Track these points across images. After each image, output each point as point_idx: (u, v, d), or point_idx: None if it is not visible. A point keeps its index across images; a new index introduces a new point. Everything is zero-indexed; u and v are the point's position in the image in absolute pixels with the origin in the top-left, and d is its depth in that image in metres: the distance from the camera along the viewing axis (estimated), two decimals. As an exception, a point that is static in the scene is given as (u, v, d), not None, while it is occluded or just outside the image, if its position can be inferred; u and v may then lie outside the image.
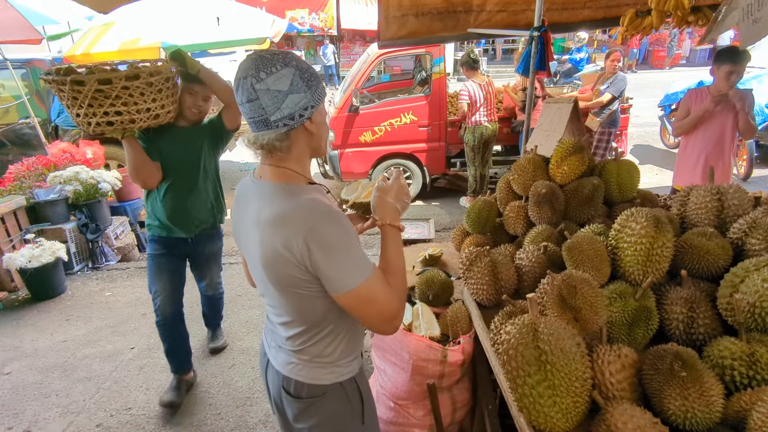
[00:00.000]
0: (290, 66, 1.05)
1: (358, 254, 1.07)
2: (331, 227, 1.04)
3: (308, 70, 1.09)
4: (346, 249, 1.05)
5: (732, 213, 1.58)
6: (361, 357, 1.35)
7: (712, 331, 1.31)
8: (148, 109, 2.10)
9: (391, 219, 1.21)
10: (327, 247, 1.03)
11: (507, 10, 3.65)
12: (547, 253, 1.71)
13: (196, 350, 3.28)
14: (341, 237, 1.05)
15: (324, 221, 1.04)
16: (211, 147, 2.60)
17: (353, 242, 1.07)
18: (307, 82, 1.07)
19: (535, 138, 2.71)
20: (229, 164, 8.26)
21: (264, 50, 1.10)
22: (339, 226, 1.05)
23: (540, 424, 1.10)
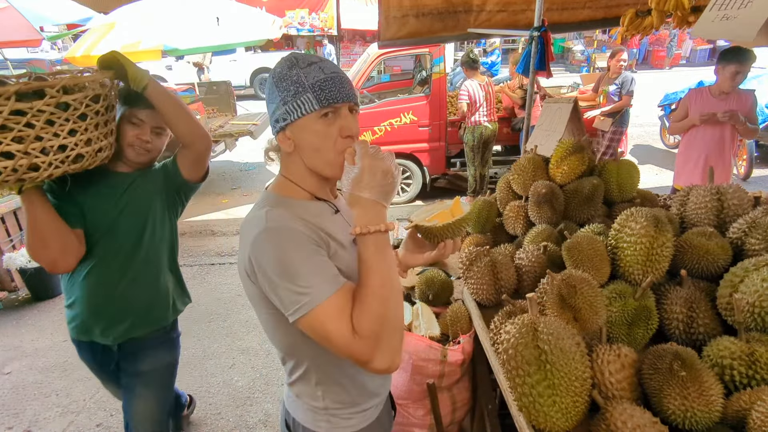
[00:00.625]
0: (270, 75, 0.99)
1: (302, 279, 0.88)
2: (267, 246, 0.89)
3: (286, 80, 0.96)
4: (283, 273, 0.88)
5: (732, 213, 1.58)
6: (376, 409, 1.15)
7: (711, 331, 1.31)
8: (62, 147, 1.30)
9: (368, 220, 0.91)
10: (264, 267, 0.90)
11: (507, 10, 3.65)
12: (547, 252, 1.71)
13: (196, 350, 3.28)
14: (279, 259, 0.89)
15: (263, 238, 0.90)
16: (165, 206, 1.75)
17: (294, 264, 0.88)
18: (281, 91, 0.96)
19: (535, 138, 2.71)
20: (229, 164, 8.26)
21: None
22: (275, 246, 0.89)
23: (540, 423, 1.10)
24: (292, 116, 0.96)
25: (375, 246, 0.91)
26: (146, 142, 1.64)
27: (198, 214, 6.19)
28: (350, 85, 0.99)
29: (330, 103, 0.95)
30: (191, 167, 1.74)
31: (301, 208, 1.00)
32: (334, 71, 0.97)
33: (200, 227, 5.79)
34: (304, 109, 0.95)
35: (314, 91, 0.94)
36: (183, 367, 3.08)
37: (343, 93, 0.96)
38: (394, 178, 0.93)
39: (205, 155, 1.75)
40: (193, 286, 4.22)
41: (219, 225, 5.83)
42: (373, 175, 0.91)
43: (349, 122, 0.98)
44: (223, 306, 3.85)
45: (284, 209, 0.97)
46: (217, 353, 3.24)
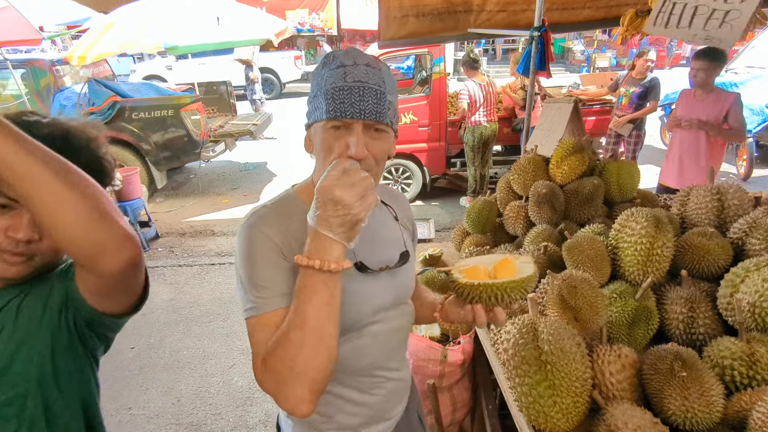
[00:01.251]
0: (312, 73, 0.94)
1: (245, 285, 0.87)
2: (239, 240, 0.90)
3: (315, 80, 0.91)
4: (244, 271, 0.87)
5: (732, 213, 1.58)
6: None
7: (712, 331, 1.31)
8: None
9: (307, 251, 0.78)
10: (235, 258, 0.91)
11: (507, 10, 3.65)
12: (547, 253, 1.71)
13: (196, 350, 3.28)
14: (243, 255, 0.88)
15: (239, 232, 0.91)
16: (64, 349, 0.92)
17: (246, 269, 0.87)
18: (310, 91, 0.93)
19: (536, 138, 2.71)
20: (229, 164, 8.26)
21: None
22: (244, 243, 0.88)
23: (540, 424, 1.10)
24: (309, 118, 0.92)
25: (307, 282, 0.78)
26: (20, 241, 0.87)
27: (198, 214, 6.19)
28: (375, 99, 0.84)
29: (337, 116, 0.84)
30: (101, 295, 0.90)
31: (301, 210, 0.91)
32: (359, 80, 0.84)
33: (200, 227, 5.79)
34: (316, 114, 0.89)
35: (326, 99, 0.85)
36: (183, 367, 3.09)
37: (357, 107, 0.83)
38: (346, 210, 0.74)
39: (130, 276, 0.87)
40: (193, 286, 4.22)
41: (219, 225, 5.83)
42: (321, 201, 0.75)
43: (354, 142, 0.84)
44: (223, 306, 3.85)
45: (278, 209, 0.94)
46: (217, 353, 3.24)
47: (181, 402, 2.80)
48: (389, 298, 1.01)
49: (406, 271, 1.04)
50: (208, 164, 7.78)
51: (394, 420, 1.09)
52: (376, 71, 0.87)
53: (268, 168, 8.02)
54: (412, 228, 1.16)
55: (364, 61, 0.87)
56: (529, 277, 0.91)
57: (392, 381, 1.06)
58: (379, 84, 0.86)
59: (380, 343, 1.00)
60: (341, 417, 1.01)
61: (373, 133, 0.87)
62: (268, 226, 0.90)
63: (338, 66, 0.86)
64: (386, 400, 1.06)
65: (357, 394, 1.00)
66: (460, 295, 0.93)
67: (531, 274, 0.92)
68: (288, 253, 0.89)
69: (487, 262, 1.00)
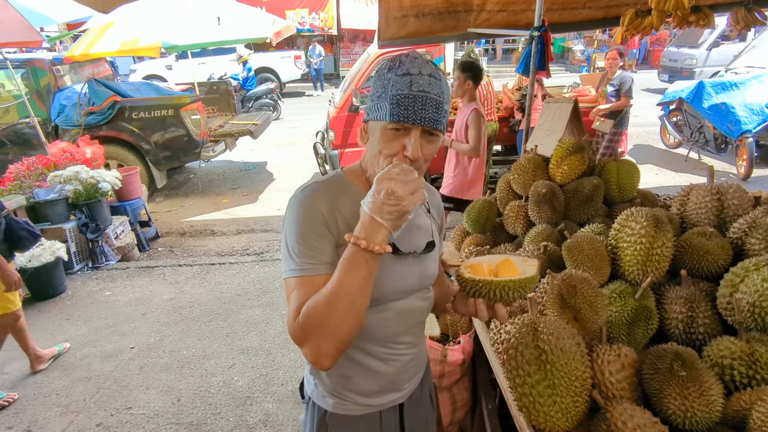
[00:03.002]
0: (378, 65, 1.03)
1: (289, 248, 0.99)
2: (290, 207, 1.03)
3: (380, 80, 0.99)
4: (291, 234, 0.99)
5: (732, 213, 1.58)
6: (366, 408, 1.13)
7: (711, 331, 1.31)
8: None
9: (357, 232, 0.90)
10: (284, 222, 1.04)
11: (507, 9, 3.64)
12: (547, 252, 1.71)
13: (196, 350, 3.28)
14: (291, 221, 1.00)
15: (292, 199, 1.03)
16: None
17: (292, 232, 0.99)
18: (372, 89, 1.02)
19: (535, 137, 2.71)
20: (229, 164, 8.27)
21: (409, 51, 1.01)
22: (292, 211, 1.01)
23: (540, 423, 1.10)
24: (370, 114, 1.02)
25: (351, 256, 0.89)
26: None
27: (198, 214, 6.19)
28: (435, 108, 0.95)
29: (400, 120, 0.94)
30: None
31: (348, 191, 1.05)
32: (423, 90, 0.94)
33: (200, 227, 5.79)
34: (378, 114, 0.98)
35: (391, 103, 0.94)
36: (183, 367, 3.09)
37: (419, 115, 0.94)
38: (398, 201, 0.86)
39: None
40: (193, 286, 4.22)
41: (219, 225, 5.83)
42: (377, 192, 0.87)
43: (412, 145, 0.95)
44: (223, 306, 3.85)
45: (328, 187, 1.05)
46: (217, 353, 3.24)
47: (181, 402, 2.80)
48: (414, 280, 1.10)
49: (431, 258, 1.14)
50: (208, 164, 7.78)
51: (407, 392, 1.18)
52: (437, 82, 0.97)
53: (268, 168, 8.02)
54: (440, 220, 1.26)
55: (427, 71, 0.96)
56: (530, 278, 0.98)
57: (406, 355, 1.15)
58: (439, 95, 0.97)
59: (400, 319, 1.10)
60: (360, 381, 1.11)
61: (427, 137, 0.98)
62: (319, 200, 1.01)
63: (404, 74, 0.95)
64: (400, 372, 1.15)
65: (374, 362, 1.10)
66: (463, 289, 1.02)
67: (532, 275, 0.99)
68: (333, 227, 1.00)
69: (493, 260, 1.08)
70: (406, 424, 1.19)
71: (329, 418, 1.14)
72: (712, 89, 6.40)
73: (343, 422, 1.13)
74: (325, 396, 1.14)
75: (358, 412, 1.13)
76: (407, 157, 0.96)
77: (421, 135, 0.97)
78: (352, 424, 1.13)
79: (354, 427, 1.14)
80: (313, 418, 1.17)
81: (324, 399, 1.14)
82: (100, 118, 5.95)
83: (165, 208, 6.48)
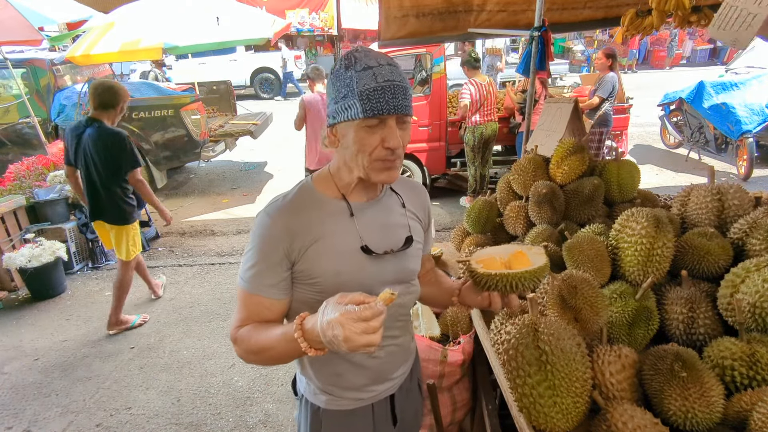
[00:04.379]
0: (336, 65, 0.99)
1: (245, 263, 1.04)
2: (255, 223, 1.05)
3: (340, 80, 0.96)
4: (247, 246, 1.05)
5: (732, 213, 1.58)
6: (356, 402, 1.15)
7: (712, 332, 1.31)
8: None
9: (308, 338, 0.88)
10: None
11: (507, 10, 3.64)
12: (548, 253, 1.70)
13: (196, 350, 3.28)
14: (252, 234, 1.04)
15: (258, 216, 1.05)
16: None
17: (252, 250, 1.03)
18: (334, 92, 0.99)
19: (536, 138, 2.71)
20: (229, 164, 8.26)
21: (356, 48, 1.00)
22: (255, 227, 1.04)
23: (540, 424, 1.10)
24: (339, 117, 0.98)
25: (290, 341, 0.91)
26: None
27: (198, 214, 6.19)
28: (404, 95, 0.96)
29: (375, 114, 0.93)
30: None
31: (316, 204, 1.06)
32: (389, 80, 0.94)
33: (200, 227, 5.79)
34: (349, 113, 0.95)
35: (361, 99, 0.93)
36: (183, 367, 3.09)
37: (391, 104, 0.94)
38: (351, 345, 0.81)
39: None
40: (194, 286, 4.22)
41: (219, 225, 5.82)
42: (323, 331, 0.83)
43: (393, 134, 0.96)
44: (223, 306, 3.85)
45: (294, 204, 1.05)
46: (217, 353, 3.24)
47: (181, 402, 2.80)
48: (391, 277, 1.11)
49: (410, 254, 1.14)
50: (208, 164, 7.78)
51: (396, 382, 1.21)
52: (397, 68, 0.98)
53: (268, 168, 8.01)
54: (424, 216, 1.25)
55: (385, 61, 0.97)
56: (542, 267, 1.02)
57: (391, 346, 1.18)
58: (403, 80, 0.97)
59: None
60: (349, 376, 1.13)
61: (401, 125, 0.99)
62: (281, 222, 1.02)
63: (365, 68, 0.94)
64: (387, 362, 1.18)
65: (360, 357, 1.12)
66: (478, 284, 1.05)
67: (543, 264, 1.03)
68: (291, 249, 1.02)
69: (502, 252, 1.11)
70: (398, 413, 1.23)
71: (322, 414, 1.16)
72: (713, 89, 6.40)
73: (336, 417, 1.16)
74: (317, 393, 1.16)
75: (350, 406, 1.16)
76: (389, 148, 0.96)
77: (399, 122, 0.98)
78: (346, 418, 1.16)
79: (347, 421, 1.16)
80: (307, 415, 1.19)
81: (316, 396, 1.17)
82: (100, 117, 5.95)
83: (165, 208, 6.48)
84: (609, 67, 5.43)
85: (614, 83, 5.34)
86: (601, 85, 5.32)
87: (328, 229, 1.04)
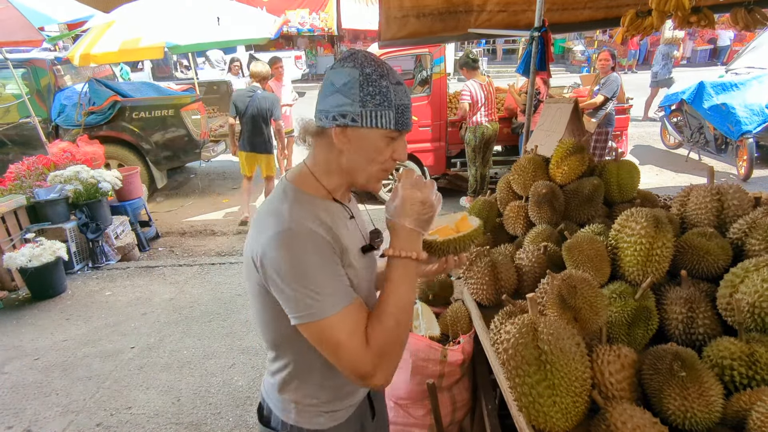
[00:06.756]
0: (357, 69, 0.94)
1: (312, 287, 0.90)
2: (282, 251, 0.90)
3: (377, 89, 0.94)
4: (297, 280, 0.90)
5: (732, 213, 1.58)
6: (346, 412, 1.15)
7: (711, 332, 1.31)
8: None
9: (402, 246, 0.98)
10: (277, 269, 0.91)
11: (507, 10, 3.65)
12: (547, 253, 1.71)
13: (196, 350, 3.28)
14: (292, 264, 0.90)
15: (279, 241, 0.91)
16: None
17: (306, 272, 0.90)
18: (365, 95, 0.93)
19: (536, 138, 2.71)
20: (229, 164, 8.26)
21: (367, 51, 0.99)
22: (292, 250, 0.90)
23: (539, 423, 1.10)
24: (365, 122, 0.95)
25: (404, 270, 0.97)
26: None
27: (198, 214, 6.20)
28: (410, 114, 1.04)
29: (402, 129, 0.98)
30: None
31: (322, 207, 1.00)
32: (410, 99, 1.01)
33: (200, 227, 5.79)
34: (380, 122, 0.95)
35: (397, 113, 0.96)
36: (183, 367, 3.09)
37: (409, 123, 1.00)
38: (432, 208, 0.99)
39: None
40: (194, 286, 4.22)
41: (219, 225, 5.83)
42: (412, 204, 0.97)
43: (402, 148, 1.02)
44: (223, 306, 3.85)
45: (306, 207, 0.98)
46: (217, 353, 3.24)
47: (181, 401, 2.80)
48: (373, 274, 1.16)
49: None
50: (208, 164, 7.78)
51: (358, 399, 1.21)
52: None
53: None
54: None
55: (402, 78, 1.01)
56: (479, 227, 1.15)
57: None
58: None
59: None
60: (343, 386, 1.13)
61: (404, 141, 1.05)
62: (312, 224, 0.95)
63: (397, 83, 0.97)
64: None
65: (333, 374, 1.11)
66: (434, 252, 1.10)
67: (480, 224, 1.16)
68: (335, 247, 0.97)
69: (449, 220, 1.21)
70: (376, 407, 1.28)
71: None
72: (713, 90, 6.40)
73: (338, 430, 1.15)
74: (316, 416, 1.11)
75: (346, 416, 1.15)
76: (395, 160, 1.02)
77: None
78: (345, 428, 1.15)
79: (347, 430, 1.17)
80: None
81: (314, 420, 1.11)
82: (100, 117, 5.95)
83: (165, 208, 6.48)
84: (612, 67, 5.46)
85: (618, 83, 5.37)
86: (606, 85, 5.34)
87: (341, 231, 1.01)
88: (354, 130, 0.96)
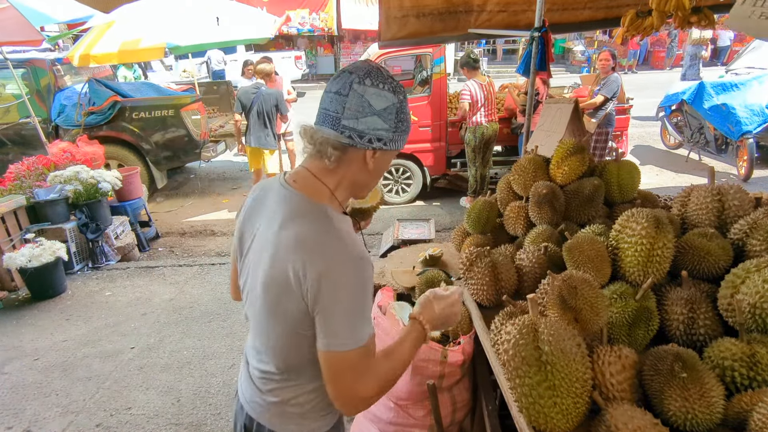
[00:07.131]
0: (397, 96, 1.00)
1: (361, 318, 0.96)
2: (352, 276, 0.94)
3: (406, 116, 1.04)
4: (353, 308, 0.95)
5: (733, 214, 1.58)
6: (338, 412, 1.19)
7: (712, 332, 1.31)
8: None
9: (426, 319, 1.12)
10: (337, 294, 0.93)
11: (507, 10, 3.64)
12: (548, 253, 1.71)
13: (196, 350, 3.28)
14: (356, 292, 0.95)
15: (351, 265, 0.95)
16: None
17: (365, 303, 0.97)
18: (398, 121, 1.01)
19: (536, 138, 2.71)
20: (229, 164, 8.26)
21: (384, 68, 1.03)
22: (361, 278, 0.95)
23: (540, 424, 1.10)
24: (392, 146, 1.03)
25: (419, 335, 1.11)
26: None
27: (198, 214, 6.19)
28: None
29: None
30: None
31: (347, 224, 1.05)
32: None
33: (200, 227, 5.79)
34: (400, 145, 1.05)
35: (406, 135, 1.06)
36: (183, 367, 3.09)
37: None
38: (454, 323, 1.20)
39: None
40: (194, 286, 4.22)
41: (219, 225, 5.83)
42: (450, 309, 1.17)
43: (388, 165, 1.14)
44: (223, 306, 3.85)
45: (350, 232, 1.03)
46: (217, 353, 3.24)
47: (181, 402, 2.80)
48: None
49: None
50: (208, 164, 7.78)
51: None
52: None
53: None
54: None
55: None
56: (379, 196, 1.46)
57: None
58: None
59: None
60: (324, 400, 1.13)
61: None
62: (367, 254, 1.02)
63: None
64: None
65: None
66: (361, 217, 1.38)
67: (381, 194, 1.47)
68: None
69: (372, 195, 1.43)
70: None
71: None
72: (713, 90, 6.40)
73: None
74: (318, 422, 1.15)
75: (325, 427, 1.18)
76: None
77: None
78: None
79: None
80: None
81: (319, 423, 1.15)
82: (100, 118, 5.95)
83: (165, 208, 6.48)
84: (612, 68, 5.46)
85: (619, 83, 5.37)
86: (606, 85, 5.34)
87: None
88: (383, 153, 1.04)
